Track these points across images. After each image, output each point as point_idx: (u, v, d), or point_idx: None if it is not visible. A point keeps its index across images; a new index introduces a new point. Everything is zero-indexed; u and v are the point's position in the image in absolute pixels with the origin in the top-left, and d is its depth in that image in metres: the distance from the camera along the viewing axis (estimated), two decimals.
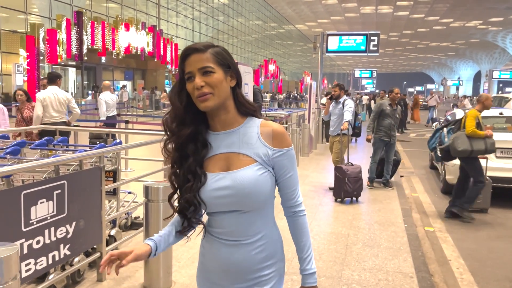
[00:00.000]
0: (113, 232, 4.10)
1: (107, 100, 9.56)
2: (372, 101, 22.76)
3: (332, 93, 7.14)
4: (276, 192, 1.45)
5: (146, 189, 3.39)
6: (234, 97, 1.42)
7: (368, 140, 7.22)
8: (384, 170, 7.32)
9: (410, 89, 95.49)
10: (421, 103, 29.62)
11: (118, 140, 4.43)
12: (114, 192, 4.20)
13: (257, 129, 1.41)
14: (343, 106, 6.92)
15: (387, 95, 7.55)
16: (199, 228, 1.50)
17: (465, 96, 30.64)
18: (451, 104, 29.60)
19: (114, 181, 4.19)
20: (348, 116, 6.76)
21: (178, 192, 1.44)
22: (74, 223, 3.12)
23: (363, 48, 16.44)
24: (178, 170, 1.41)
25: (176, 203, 1.45)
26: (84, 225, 3.23)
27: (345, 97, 7.10)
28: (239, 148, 1.39)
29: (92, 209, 3.36)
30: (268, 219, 1.44)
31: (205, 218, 1.48)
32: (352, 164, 6.51)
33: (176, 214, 1.48)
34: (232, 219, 1.39)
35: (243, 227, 1.39)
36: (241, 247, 1.40)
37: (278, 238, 1.48)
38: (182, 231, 1.47)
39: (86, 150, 3.85)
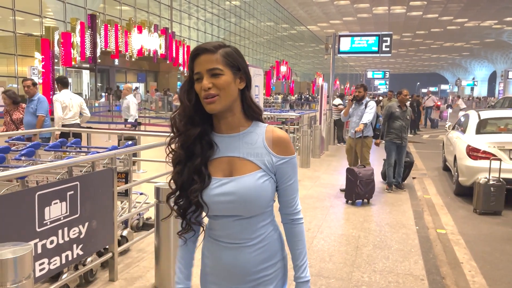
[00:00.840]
0: (125, 233, 4.15)
1: (136, 103, 10.06)
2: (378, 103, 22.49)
3: (357, 94, 6.98)
4: None
5: (157, 190, 3.43)
6: (242, 100, 1.41)
7: (377, 144, 7.17)
8: (395, 172, 7.26)
9: (424, 90, 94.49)
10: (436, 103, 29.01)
11: (130, 142, 4.49)
12: (126, 193, 4.26)
13: (262, 135, 1.42)
14: (365, 107, 6.83)
15: (398, 97, 7.46)
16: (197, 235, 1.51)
17: (459, 96, 29.81)
18: (446, 105, 28.61)
19: (126, 182, 4.24)
20: (366, 118, 6.68)
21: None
22: (86, 224, 3.18)
23: (375, 49, 16.37)
24: (181, 170, 1.40)
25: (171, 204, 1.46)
26: (96, 226, 3.28)
27: (367, 98, 7.03)
28: (243, 153, 1.40)
29: (104, 210, 3.41)
30: (268, 221, 1.45)
31: (204, 219, 1.50)
32: (364, 166, 6.48)
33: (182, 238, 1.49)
34: (233, 223, 1.40)
35: (243, 231, 1.40)
36: (242, 249, 1.41)
37: (279, 237, 1.49)
38: (181, 233, 1.47)
39: (98, 152, 3.91)
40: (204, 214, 1.45)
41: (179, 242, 1.52)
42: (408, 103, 7.40)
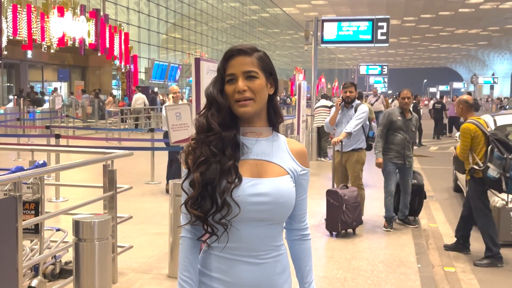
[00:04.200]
0: (34, 283, 4.08)
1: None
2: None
3: (348, 95, 6.89)
4: None
5: (76, 224, 3.41)
6: (268, 105, 1.83)
7: (379, 165, 6.75)
8: (400, 202, 6.97)
9: (432, 89, 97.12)
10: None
11: (41, 161, 4.44)
12: (36, 230, 4.19)
13: (285, 144, 1.87)
14: (355, 112, 6.81)
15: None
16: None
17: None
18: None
19: (37, 215, 4.19)
20: (351, 125, 6.64)
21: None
22: None
23: (368, 37, 16.70)
24: (207, 170, 1.71)
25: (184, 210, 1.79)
26: None
27: (357, 101, 7.04)
28: (271, 157, 1.81)
29: (5, 252, 3.34)
30: (282, 231, 1.86)
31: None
32: (347, 187, 6.58)
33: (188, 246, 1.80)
34: (257, 229, 1.75)
35: (266, 239, 1.77)
36: (262, 263, 1.77)
37: (285, 250, 1.88)
38: (205, 238, 1.77)
39: None
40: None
41: (185, 252, 1.81)
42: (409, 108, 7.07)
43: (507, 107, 25.77)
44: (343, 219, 6.25)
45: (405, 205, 6.94)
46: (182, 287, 1.78)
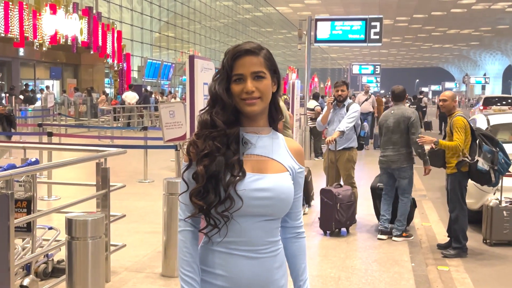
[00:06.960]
0: (26, 282, 4.04)
1: None
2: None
3: (340, 94, 6.88)
4: None
5: (69, 222, 3.37)
6: (270, 103, 1.85)
7: (429, 172, 6.37)
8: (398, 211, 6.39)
9: (424, 88, 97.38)
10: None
11: (33, 159, 4.40)
12: (28, 228, 4.16)
13: (283, 142, 1.90)
14: (347, 111, 6.81)
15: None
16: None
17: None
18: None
19: (29, 213, 4.15)
20: (344, 123, 6.61)
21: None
22: None
23: (361, 36, 16.69)
24: (211, 163, 1.73)
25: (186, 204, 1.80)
26: None
27: (349, 100, 7.08)
28: (271, 154, 1.84)
29: None
30: (280, 227, 1.90)
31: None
32: (341, 186, 6.57)
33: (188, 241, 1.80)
34: (257, 224, 1.78)
35: (264, 234, 1.80)
36: (260, 258, 1.79)
37: (282, 246, 1.91)
38: (207, 230, 1.77)
39: None
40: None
41: (186, 244, 1.81)
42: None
43: (477, 105, 25.76)
44: (337, 218, 6.25)
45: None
46: (185, 282, 1.78)
